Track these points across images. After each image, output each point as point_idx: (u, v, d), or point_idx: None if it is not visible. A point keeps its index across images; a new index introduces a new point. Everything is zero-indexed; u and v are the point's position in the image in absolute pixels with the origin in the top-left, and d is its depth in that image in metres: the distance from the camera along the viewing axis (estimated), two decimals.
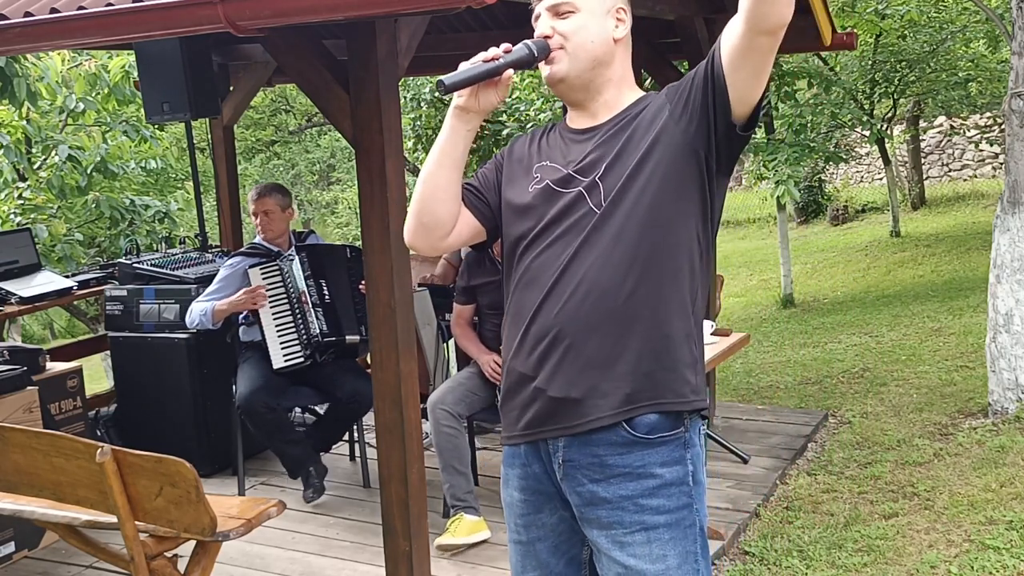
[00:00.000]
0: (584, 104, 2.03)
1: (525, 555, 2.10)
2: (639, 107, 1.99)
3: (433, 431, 4.01)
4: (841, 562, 3.70)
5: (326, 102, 3.25)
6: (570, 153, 2.01)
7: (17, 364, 4.17)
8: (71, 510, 2.89)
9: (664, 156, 1.91)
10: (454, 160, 1.99)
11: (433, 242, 2.06)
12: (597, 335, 1.90)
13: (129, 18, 2.90)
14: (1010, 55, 5.14)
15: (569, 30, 1.96)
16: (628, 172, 1.91)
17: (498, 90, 1.95)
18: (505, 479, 2.12)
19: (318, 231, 21.76)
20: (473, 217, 2.07)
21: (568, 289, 1.92)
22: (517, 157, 2.10)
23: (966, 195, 15.21)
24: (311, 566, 3.87)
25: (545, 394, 1.95)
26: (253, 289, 4.33)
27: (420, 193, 2.00)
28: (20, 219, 7.77)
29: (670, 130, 1.91)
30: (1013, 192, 4.97)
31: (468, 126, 1.98)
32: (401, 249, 3.24)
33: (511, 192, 2.06)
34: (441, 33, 5.56)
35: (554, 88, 2.03)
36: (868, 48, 11.47)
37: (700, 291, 1.98)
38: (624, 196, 1.91)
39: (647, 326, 1.91)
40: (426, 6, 2.71)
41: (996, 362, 4.96)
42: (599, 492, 1.95)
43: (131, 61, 7.11)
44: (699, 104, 1.89)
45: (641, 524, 1.93)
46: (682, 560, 1.95)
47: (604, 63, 1.99)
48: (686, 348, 1.95)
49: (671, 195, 1.91)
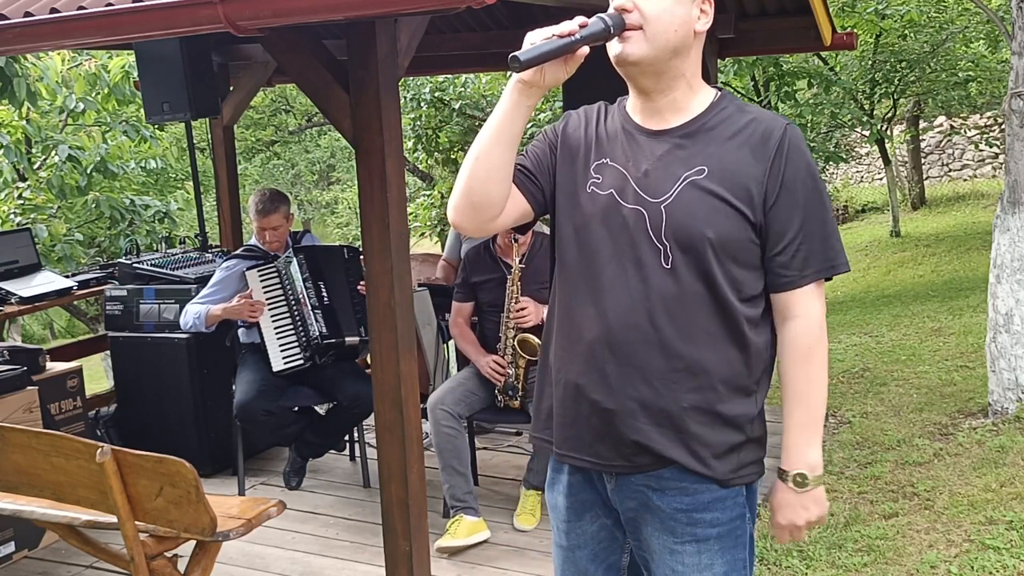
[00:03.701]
0: (651, 94, 1.90)
1: (566, 560, 2.08)
2: (713, 118, 1.90)
3: (433, 431, 4.01)
4: (841, 562, 3.70)
5: (326, 102, 3.25)
6: (633, 154, 1.91)
7: (17, 364, 4.17)
8: (71, 510, 2.89)
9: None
10: (512, 137, 1.85)
11: (482, 223, 1.94)
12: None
13: (129, 18, 2.90)
14: (1010, 55, 5.14)
15: (653, 12, 1.82)
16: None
17: (567, 66, 1.81)
18: (551, 483, 2.09)
19: (318, 231, 21.85)
20: (524, 199, 1.96)
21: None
22: (573, 142, 1.98)
23: (966, 195, 15.22)
24: (311, 566, 3.87)
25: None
26: (252, 301, 4.31)
27: (472, 171, 1.87)
28: (20, 219, 7.78)
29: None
30: (1013, 192, 4.97)
31: (530, 101, 1.84)
32: (401, 249, 3.24)
33: (566, 183, 1.96)
34: (441, 33, 5.56)
35: (620, 69, 1.89)
36: (868, 48, 11.48)
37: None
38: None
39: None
40: (426, 6, 2.71)
41: (996, 362, 4.95)
42: (654, 499, 1.94)
43: (131, 61, 7.11)
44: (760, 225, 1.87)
45: (693, 536, 1.93)
46: (730, 568, 1.95)
47: (680, 54, 1.86)
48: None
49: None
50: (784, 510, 1.96)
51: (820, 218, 1.88)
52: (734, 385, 1.89)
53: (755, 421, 1.94)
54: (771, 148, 1.85)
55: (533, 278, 4.12)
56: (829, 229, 1.89)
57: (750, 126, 1.88)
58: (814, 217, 1.87)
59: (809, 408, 1.93)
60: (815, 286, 1.89)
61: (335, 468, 4.91)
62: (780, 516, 1.97)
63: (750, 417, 1.92)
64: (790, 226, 1.85)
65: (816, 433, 1.95)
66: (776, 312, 1.92)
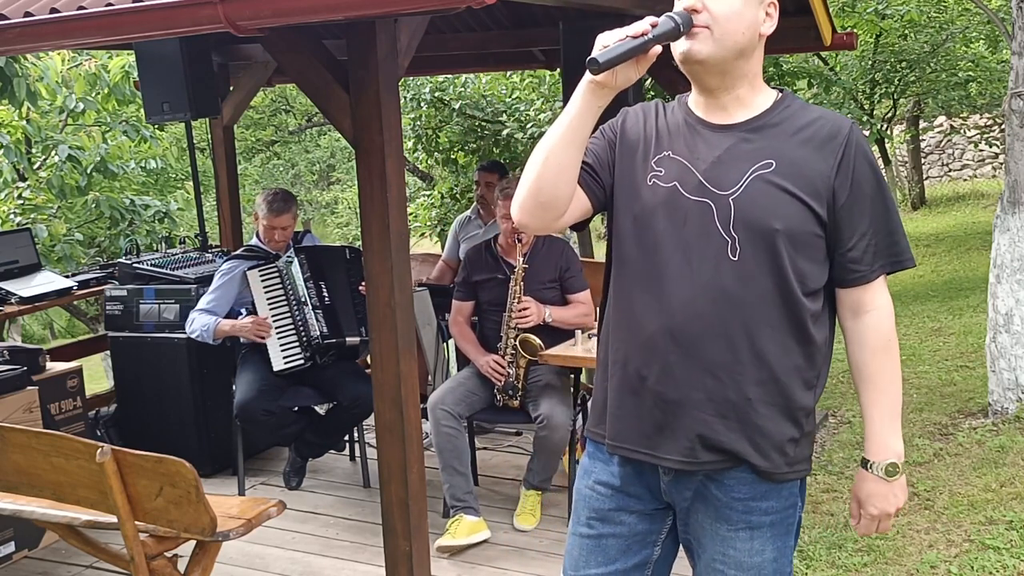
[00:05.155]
0: (715, 92, 1.92)
1: (593, 550, 2.06)
2: (778, 115, 1.92)
3: (433, 431, 4.00)
4: (841, 562, 3.70)
5: (326, 102, 3.25)
6: (697, 147, 1.91)
7: (17, 364, 4.17)
8: (71, 510, 2.89)
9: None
10: (582, 138, 1.87)
11: (548, 222, 1.95)
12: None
13: (129, 18, 2.90)
14: (1010, 55, 5.14)
15: (723, 13, 1.84)
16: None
17: (639, 66, 1.82)
18: (586, 470, 2.09)
19: (318, 231, 21.85)
20: (586, 197, 1.97)
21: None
22: (632, 137, 1.98)
23: (966, 195, 15.22)
24: (311, 566, 3.87)
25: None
26: (260, 320, 4.32)
27: (540, 171, 1.88)
28: (20, 219, 7.77)
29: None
30: (1013, 192, 4.97)
31: (601, 102, 1.85)
32: (401, 249, 3.24)
33: (626, 177, 1.97)
34: (441, 33, 5.56)
35: (685, 67, 1.90)
36: (868, 48, 11.48)
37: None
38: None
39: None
40: (426, 6, 2.71)
41: (996, 362, 4.95)
42: (711, 489, 1.96)
43: (131, 61, 7.10)
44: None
45: (747, 524, 1.96)
46: (779, 554, 1.99)
47: (745, 55, 1.88)
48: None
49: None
50: (875, 499, 2.00)
51: (886, 214, 1.93)
52: (797, 378, 1.92)
53: (811, 416, 1.97)
54: (838, 146, 1.88)
55: (535, 278, 4.12)
56: (894, 224, 1.94)
57: (815, 123, 1.91)
58: (881, 213, 1.91)
59: (892, 398, 1.99)
60: (883, 280, 1.96)
61: (335, 468, 4.91)
62: (871, 507, 2.00)
63: (808, 411, 1.96)
64: (861, 223, 1.89)
65: (898, 423, 2.01)
66: (847, 308, 1.97)
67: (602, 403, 2.04)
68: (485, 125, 10.35)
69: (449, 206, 11.14)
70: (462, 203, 10.74)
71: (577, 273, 4.22)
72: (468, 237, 5.34)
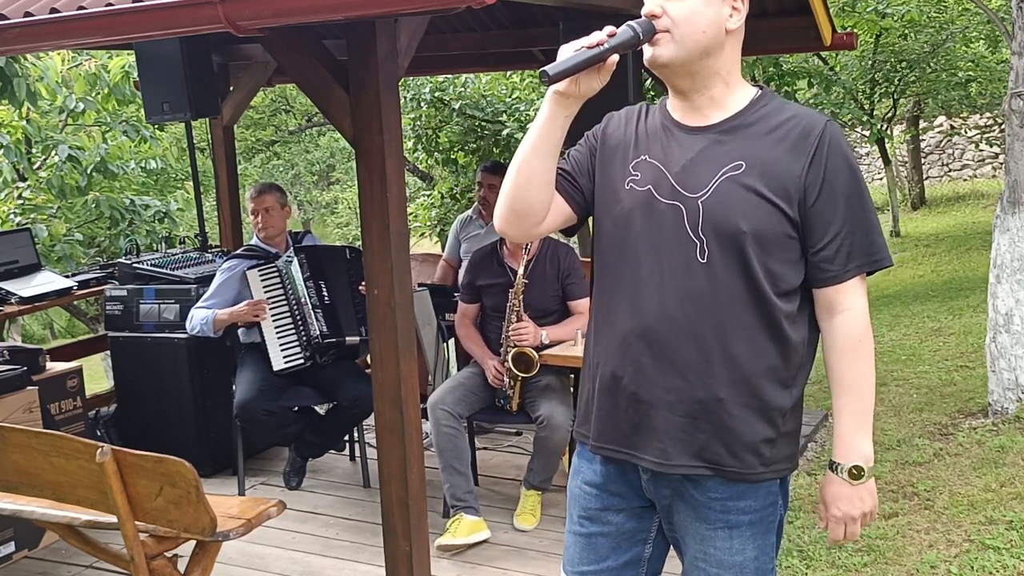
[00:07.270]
0: (688, 94, 1.93)
1: (585, 547, 2.09)
2: (753, 114, 1.91)
3: (433, 431, 4.00)
4: (841, 562, 3.70)
5: (326, 102, 3.25)
6: (671, 151, 1.93)
7: (17, 364, 4.17)
8: (71, 510, 2.89)
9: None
10: (550, 147, 1.90)
11: (526, 230, 1.99)
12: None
13: (129, 18, 2.90)
14: (1010, 55, 5.14)
15: (680, 15, 1.85)
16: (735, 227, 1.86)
17: (600, 75, 1.84)
18: (576, 470, 2.11)
19: (318, 231, 21.84)
20: (566, 204, 2.01)
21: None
22: (612, 143, 2.01)
23: (966, 195, 15.22)
24: (311, 566, 3.87)
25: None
26: (256, 302, 4.32)
27: (514, 181, 1.93)
28: (20, 219, 7.78)
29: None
30: (1013, 192, 4.97)
31: (567, 112, 1.88)
32: (401, 249, 3.24)
33: (606, 181, 1.99)
34: (441, 33, 5.56)
35: (655, 71, 1.93)
36: (868, 48, 11.49)
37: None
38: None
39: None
40: (426, 6, 2.71)
41: (996, 362, 4.95)
42: (688, 488, 1.97)
43: (131, 61, 7.11)
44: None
45: (725, 523, 1.96)
46: (760, 552, 1.99)
47: (712, 53, 1.88)
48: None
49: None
50: (839, 502, 1.98)
51: (862, 213, 1.90)
52: (772, 378, 1.91)
53: (788, 415, 1.96)
54: (811, 144, 1.87)
55: (539, 287, 4.10)
56: (870, 224, 1.91)
57: (789, 122, 1.89)
58: (856, 212, 1.89)
59: (861, 400, 1.95)
60: (859, 280, 1.92)
61: (335, 468, 4.91)
62: (835, 508, 1.98)
63: (784, 411, 1.94)
64: (833, 222, 1.87)
65: (868, 425, 1.97)
66: (821, 308, 1.94)
67: (586, 404, 2.06)
68: (485, 125, 10.36)
69: (449, 206, 11.16)
70: (462, 203, 10.76)
71: (579, 280, 4.21)
72: (469, 237, 5.34)
